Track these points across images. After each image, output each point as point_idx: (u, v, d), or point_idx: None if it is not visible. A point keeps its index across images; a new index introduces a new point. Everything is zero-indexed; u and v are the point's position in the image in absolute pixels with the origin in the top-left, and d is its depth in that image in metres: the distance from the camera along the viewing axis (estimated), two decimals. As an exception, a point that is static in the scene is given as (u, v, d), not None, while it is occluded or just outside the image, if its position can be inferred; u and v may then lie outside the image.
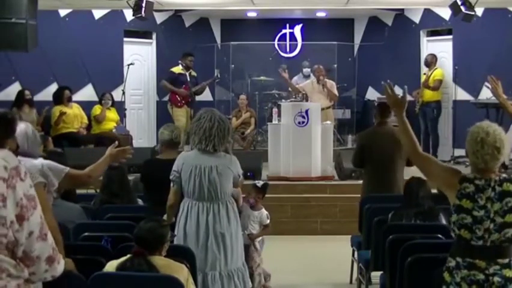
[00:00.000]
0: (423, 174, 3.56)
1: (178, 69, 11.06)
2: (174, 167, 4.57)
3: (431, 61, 11.14)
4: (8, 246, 1.97)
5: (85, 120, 10.62)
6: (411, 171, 5.17)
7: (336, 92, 10.77)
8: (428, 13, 11.97)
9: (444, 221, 4.78)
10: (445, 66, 11.41)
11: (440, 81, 11.00)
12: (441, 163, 3.50)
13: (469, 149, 3.24)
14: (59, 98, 10.43)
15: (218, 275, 4.46)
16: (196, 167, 4.46)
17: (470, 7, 9.08)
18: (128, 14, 10.90)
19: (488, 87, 5.22)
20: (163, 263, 3.55)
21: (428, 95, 10.97)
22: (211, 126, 4.45)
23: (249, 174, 8.49)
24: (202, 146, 4.46)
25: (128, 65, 11.40)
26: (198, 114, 4.61)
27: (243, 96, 11.69)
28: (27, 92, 10.19)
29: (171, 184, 4.62)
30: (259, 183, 5.93)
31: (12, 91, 10.55)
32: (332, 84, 10.78)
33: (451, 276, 3.20)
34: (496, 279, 3.10)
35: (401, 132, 3.47)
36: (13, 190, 1.98)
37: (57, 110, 10.28)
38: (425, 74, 11.21)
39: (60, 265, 2.11)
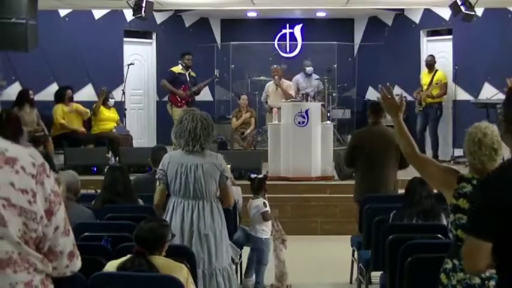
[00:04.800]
0: (421, 175, 3.56)
1: (177, 69, 11.08)
2: (160, 166, 4.61)
3: (433, 62, 11.11)
4: (36, 241, 2.00)
5: (88, 114, 10.53)
6: (413, 172, 5.17)
7: (292, 92, 10.75)
8: (428, 13, 11.97)
9: (445, 221, 4.78)
10: (445, 66, 11.39)
11: (446, 84, 10.99)
12: (439, 163, 3.51)
13: (466, 149, 3.24)
14: (61, 97, 10.44)
15: (201, 273, 4.49)
16: (182, 165, 4.50)
17: (470, 7, 9.08)
18: (128, 14, 10.90)
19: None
20: (163, 263, 3.55)
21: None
22: (195, 127, 4.48)
23: (249, 174, 8.48)
24: (190, 147, 4.50)
25: (128, 65, 11.41)
26: (179, 117, 4.63)
27: (244, 97, 11.69)
28: (31, 92, 10.19)
29: (157, 183, 4.67)
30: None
31: (12, 91, 10.53)
32: (288, 85, 10.79)
33: (448, 278, 3.15)
34: (492, 283, 3.01)
35: (398, 134, 3.46)
36: (42, 186, 2.02)
37: (59, 108, 10.30)
38: (432, 73, 11.02)
39: (79, 261, 2.15)
